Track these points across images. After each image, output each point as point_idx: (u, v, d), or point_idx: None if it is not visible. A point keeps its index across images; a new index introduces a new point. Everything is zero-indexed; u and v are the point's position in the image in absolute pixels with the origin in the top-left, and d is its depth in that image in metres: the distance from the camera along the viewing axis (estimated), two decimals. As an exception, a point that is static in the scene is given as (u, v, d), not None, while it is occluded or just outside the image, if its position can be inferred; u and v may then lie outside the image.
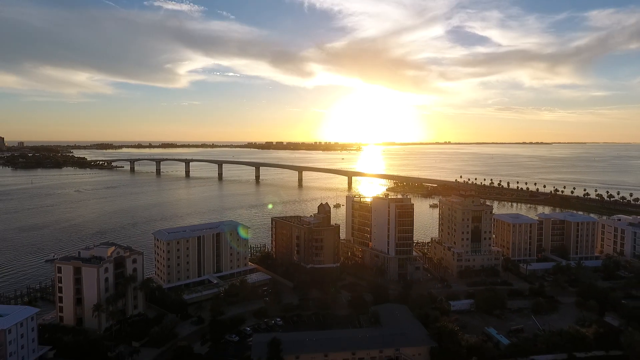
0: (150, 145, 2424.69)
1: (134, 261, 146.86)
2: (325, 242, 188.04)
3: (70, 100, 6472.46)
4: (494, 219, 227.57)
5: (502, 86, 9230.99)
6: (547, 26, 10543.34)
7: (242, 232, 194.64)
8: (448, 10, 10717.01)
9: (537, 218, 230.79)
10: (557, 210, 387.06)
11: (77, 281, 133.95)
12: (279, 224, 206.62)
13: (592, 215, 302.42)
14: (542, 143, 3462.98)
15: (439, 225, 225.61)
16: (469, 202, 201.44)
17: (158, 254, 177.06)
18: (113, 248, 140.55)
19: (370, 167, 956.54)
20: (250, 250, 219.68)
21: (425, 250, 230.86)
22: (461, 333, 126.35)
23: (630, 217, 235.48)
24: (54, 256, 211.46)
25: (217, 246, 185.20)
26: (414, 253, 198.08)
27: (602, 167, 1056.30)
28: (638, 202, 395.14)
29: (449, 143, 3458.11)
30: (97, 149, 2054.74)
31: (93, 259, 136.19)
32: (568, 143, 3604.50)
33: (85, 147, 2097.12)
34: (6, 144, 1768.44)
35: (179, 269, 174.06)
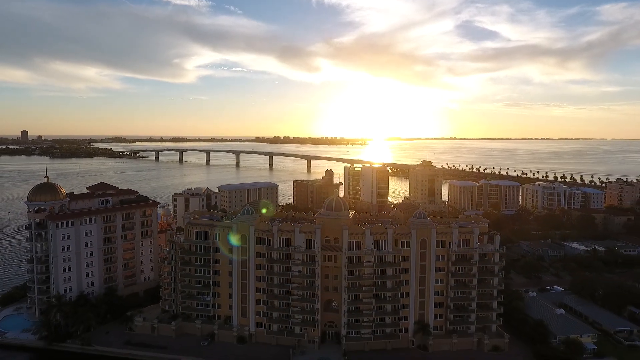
0: (161, 139, 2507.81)
1: (215, 197, 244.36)
2: (330, 194, 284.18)
3: (79, 95, 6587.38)
4: (449, 184, 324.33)
5: (511, 81, 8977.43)
6: (558, 20, 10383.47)
7: (274, 189, 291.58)
8: (457, 4, 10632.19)
9: (478, 183, 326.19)
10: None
11: (186, 206, 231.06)
12: (299, 184, 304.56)
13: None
14: (548, 139, 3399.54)
15: (409, 187, 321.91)
16: (426, 169, 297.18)
17: (221, 199, 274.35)
18: (205, 188, 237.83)
19: (372, 158, 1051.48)
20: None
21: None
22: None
23: (545, 183, 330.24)
24: (162, 204, 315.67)
25: (258, 196, 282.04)
26: (389, 203, 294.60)
27: (587, 159, 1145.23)
28: (582, 182, 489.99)
29: (454, 139, 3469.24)
30: (112, 142, 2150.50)
31: (194, 194, 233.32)
32: (575, 139, 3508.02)
33: (101, 141, 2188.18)
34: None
35: (235, 208, 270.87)
